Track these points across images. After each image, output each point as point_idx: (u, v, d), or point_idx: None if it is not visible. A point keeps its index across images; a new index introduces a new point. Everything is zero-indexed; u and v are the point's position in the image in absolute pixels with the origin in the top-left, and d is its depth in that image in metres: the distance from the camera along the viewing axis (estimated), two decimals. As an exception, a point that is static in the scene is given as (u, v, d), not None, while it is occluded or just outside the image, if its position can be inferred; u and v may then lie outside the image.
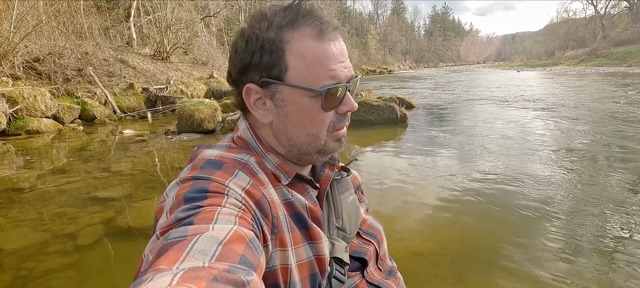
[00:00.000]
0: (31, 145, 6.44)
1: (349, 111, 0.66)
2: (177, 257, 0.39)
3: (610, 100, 10.03)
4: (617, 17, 53.35)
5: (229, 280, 0.37)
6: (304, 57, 0.61)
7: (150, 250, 0.44)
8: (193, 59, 18.42)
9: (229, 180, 0.56)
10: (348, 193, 0.77)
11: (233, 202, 0.51)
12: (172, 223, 0.47)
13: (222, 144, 0.69)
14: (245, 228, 0.48)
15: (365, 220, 0.82)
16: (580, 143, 5.28)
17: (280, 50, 0.61)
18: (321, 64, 0.61)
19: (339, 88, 0.62)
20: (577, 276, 2.08)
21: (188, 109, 6.90)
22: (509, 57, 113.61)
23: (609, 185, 3.49)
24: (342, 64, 0.63)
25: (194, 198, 0.50)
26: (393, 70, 52.32)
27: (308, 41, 0.61)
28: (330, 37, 0.62)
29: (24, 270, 2.31)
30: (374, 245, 0.78)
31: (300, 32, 0.61)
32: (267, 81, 0.63)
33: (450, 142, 5.63)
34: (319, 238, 0.63)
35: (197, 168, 0.59)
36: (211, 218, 0.46)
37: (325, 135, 0.66)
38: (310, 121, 0.64)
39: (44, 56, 10.13)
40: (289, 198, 0.63)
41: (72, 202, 3.47)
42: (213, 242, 0.42)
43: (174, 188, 0.56)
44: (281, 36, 0.61)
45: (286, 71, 0.61)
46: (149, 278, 0.36)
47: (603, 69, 30.55)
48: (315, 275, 0.61)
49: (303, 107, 0.63)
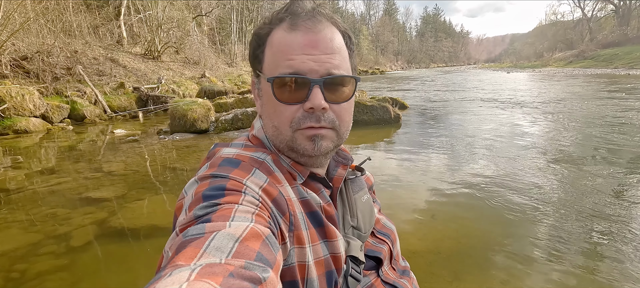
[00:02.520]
0: (19, 145, 6.31)
1: (313, 108, 0.61)
2: (194, 254, 0.40)
3: (599, 101, 10.24)
4: (604, 20, 54.55)
5: (245, 276, 0.38)
6: (272, 47, 0.64)
7: (169, 247, 0.46)
8: (185, 59, 18.26)
9: (246, 179, 0.56)
10: (362, 192, 0.77)
11: (250, 200, 0.52)
12: (190, 220, 0.48)
13: (238, 142, 0.70)
14: (262, 225, 0.48)
15: (379, 220, 0.83)
16: (569, 143, 5.39)
17: (263, 44, 0.65)
18: (282, 53, 0.62)
19: (291, 79, 0.60)
20: (567, 272, 2.12)
21: (181, 108, 6.84)
22: (499, 58, 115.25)
23: (598, 184, 3.57)
24: (309, 56, 0.60)
25: (212, 196, 0.51)
26: (385, 71, 52.59)
27: (280, 33, 0.63)
28: (301, 28, 0.61)
29: (16, 272, 2.26)
30: (388, 245, 0.79)
31: (280, 26, 0.63)
32: (256, 73, 0.68)
33: (443, 142, 5.69)
34: (335, 237, 0.64)
35: (215, 166, 0.60)
36: (228, 216, 0.47)
37: (290, 131, 0.63)
38: (272, 112, 0.64)
39: (32, 54, 9.94)
40: (305, 196, 0.64)
41: (63, 203, 3.41)
42: (230, 239, 0.42)
43: (193, 186, 0.57)
44: (266, 32, 0.65)
45: (262, 62, 0.65)
46: (167, 274, 0.37)
47: (591, 71, 31.16)
48: (332, 273, 0.62)
49: (268, 97, 0.65)
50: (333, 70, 0.61)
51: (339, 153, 0.76)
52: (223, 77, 18.48)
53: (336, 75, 0.61)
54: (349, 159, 0.76)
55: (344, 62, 0.65)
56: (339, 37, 0.65)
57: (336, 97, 0.63)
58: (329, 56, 0.61)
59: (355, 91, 0.67)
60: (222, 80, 17.25)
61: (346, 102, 0.65)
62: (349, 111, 0.67)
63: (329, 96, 0.62)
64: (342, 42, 0.65)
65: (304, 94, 0.61)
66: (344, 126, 0.66)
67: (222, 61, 22.68)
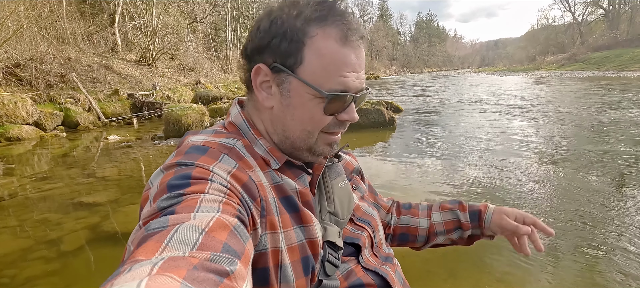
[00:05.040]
0: (11, 152, 6.24)
1: (348, 120, 0.66)
2: (156, 247, 0.38)
3: (592, 104, 10.36)
4: (594, 24, 55.41)
5: (210, 268, 0.36)
6: (322, 56, 0.60)
7: (132, 240, 0.43)
8: (179, 65, 18.23)
9: (213, 165, 0.55)
10: (340, 178, 0.77)
11: (217, 188, 0.50)
12: (154, 212, 0.46)
13: (209, 129, 0.68)
14: (229, 215, 0.46)
15: (359, 207, 0.82)
16: (564, 146, 5.43)
17: (301, 42, 0.60)
18: (336, 69, 0.60)
19: (345, 97, 0.62)
20: (562, 270, 2.13)
21: (175, 113, 6.82)
22: (492, 62, 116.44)
23: (592, 185, 3.60)
24: (356, 74, 0.63)
25: (177, 186, 0.49)
26: (380, 75, 52.75)
27: (330, 42, 0.60)
28: (353, 45, 0.61)
29: (5, 277, 2.23)
30: (368, 231, 0.78)
31: (326, 30, 0.60)
32: (278, 68, 0.62)
33: (438, 145, 5.71)
34: (310, 221, 0.63)
35: (182, 153, 0.58)
36: (193, 207, 0.45)
37: (318, 135, 0.65)
38: (308, 119, 0.64)
39: (25, 61, 9.87)
40: (278, 181, 0.63)
41: (55, 208, 3.37)
42: (194, 231, 0.40)
43: (158, 176, 0.55)
44: (306, 29, 0.60)
45: (300, 64, 0.61)
46: (127, 269, 0.35)
47: (582, 74, 31.56)
48: (308, 258, 0.61)
49: (306, 104, 0.62)
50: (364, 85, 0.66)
51: None
52: (218, 83, 18.45)
53: (366, 91, 0.67)
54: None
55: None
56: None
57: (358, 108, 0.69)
58: (363, 72, 0.65)
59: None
60: (217, 86, 17.23)
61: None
62: None
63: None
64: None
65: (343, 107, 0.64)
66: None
67: (217, 67, 22.67)
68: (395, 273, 0.77)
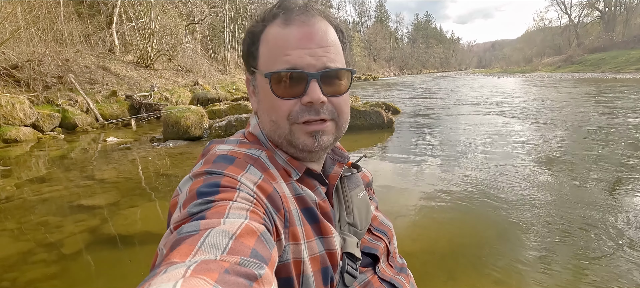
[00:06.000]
0: (9, 154, 6.21)
1: (310, 102, 0.61)
2: (189, 251, 0.40)
3: (588, 106, 10.43)
4: (590, 26, 55.76)
5: (240, 272, 0.38)
6: (267, 43, 0.64)
7: (164, 244, 0.45)
8: (177, 66, 18.18)
9: (241, 175, 0.56)
10: (358, 189, 0.77)
11: (245, 197, 0.52)
12: (185, 217, 0.47)
13: (233, 139, 0.70)
14: (257, 222, 0.48)
15: (376, 217, 0.83)
16: (559, 147, 5.48)
17: (257, 41, 0.65)
18: (279, 50, 0.61)
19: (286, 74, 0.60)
20: (559, 271, 2.15)
21: (174, 115, 6.81)
22: (489, 63, 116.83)
23: (588, 186, 3.63)
24: (306, 50, 0.60)
25: (206, 193, 0.51)
26: (378, 77, 52.88)
27: (274, 28, 0.63)
28: (296, 22, 0.61)
29: (6, 280, 2.23)
30: (384, 242, 0.80)
31: (273, 22, 0.64)
32: (251, 71, 0.68)
33: (436, 146, 5.74)
34: (330, 233, 0.64)
35: (210, 162, 0.60)
36: (223, 213, 0.47)
37: (287, 125, 0.63)
38: (270, 107, 0.64)
39: (23, 63, 9.82)
40: (299, 193, 0.64)
41: (55, 211, 3.37)
42: (224, 236, 0.42)
43: (188, 183, 0.56)
44: (260, 29, 0.65)
45: (258, 58, 0.66)
46: (162, 271, 0.37)
47: (579, 75, 31.74)
48: (327, 269, 0.62)
49: (265, 93, 0.65)
50: (329, 63, 0.61)
51: (335, 150, 0.77)
52: (216, 84, 18.44)
53: (333, 68, 0.62)
54: (345, 157, 0.76)
55: (339, 56, 0.65)
56: (332, 31, 0.65)
57: (333, 90, 0.63)
58: (325, 49, 0.61)
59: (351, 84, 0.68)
60: (215, 87, 17.21)
61: (344, 95, 0.66)
62: (346, 103, 0.67)
63: (326, 89, 0.62)
64: (335, 36, 0.65)
65: (302, 89, 0.61)
66: (343, 118, 0.66)
67: (215, 69, 22.64)
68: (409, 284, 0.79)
